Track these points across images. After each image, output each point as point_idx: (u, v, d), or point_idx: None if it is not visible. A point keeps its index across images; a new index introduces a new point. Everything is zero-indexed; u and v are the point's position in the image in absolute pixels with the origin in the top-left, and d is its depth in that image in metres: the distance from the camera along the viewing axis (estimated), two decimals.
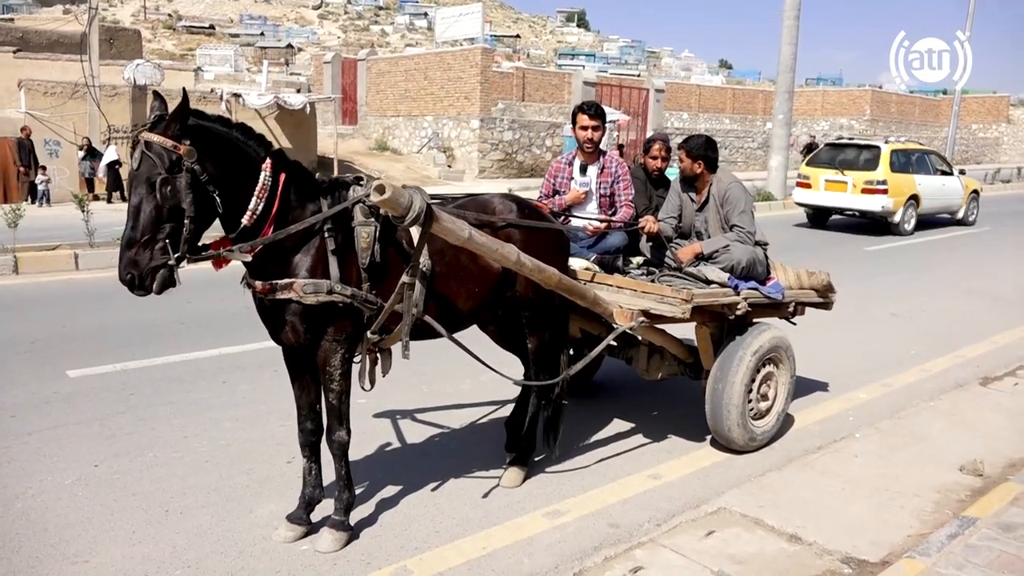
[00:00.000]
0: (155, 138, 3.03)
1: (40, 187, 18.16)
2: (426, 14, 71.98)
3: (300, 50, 60.09)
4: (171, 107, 3.12)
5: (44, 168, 18.46)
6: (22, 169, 18.37)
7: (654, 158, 5.64)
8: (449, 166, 25.91)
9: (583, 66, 47.85)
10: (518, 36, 79.45)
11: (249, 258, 3.35)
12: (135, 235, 3.04)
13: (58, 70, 20.52)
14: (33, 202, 17.87)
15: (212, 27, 64.97)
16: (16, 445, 4.70)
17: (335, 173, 21.61)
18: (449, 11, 32.54)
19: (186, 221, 3.08)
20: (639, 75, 49.20)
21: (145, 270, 3.06)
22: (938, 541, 3.66)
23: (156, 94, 3.21)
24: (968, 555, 3.52)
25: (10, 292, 9.06)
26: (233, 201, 3.24)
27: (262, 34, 65.60)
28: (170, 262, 3.08)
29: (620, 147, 20.61)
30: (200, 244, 3.28)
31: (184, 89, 3.28)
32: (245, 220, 3.27)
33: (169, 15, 66.87)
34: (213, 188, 3.14)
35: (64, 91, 19.49)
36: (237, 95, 21.89)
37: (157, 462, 4.54)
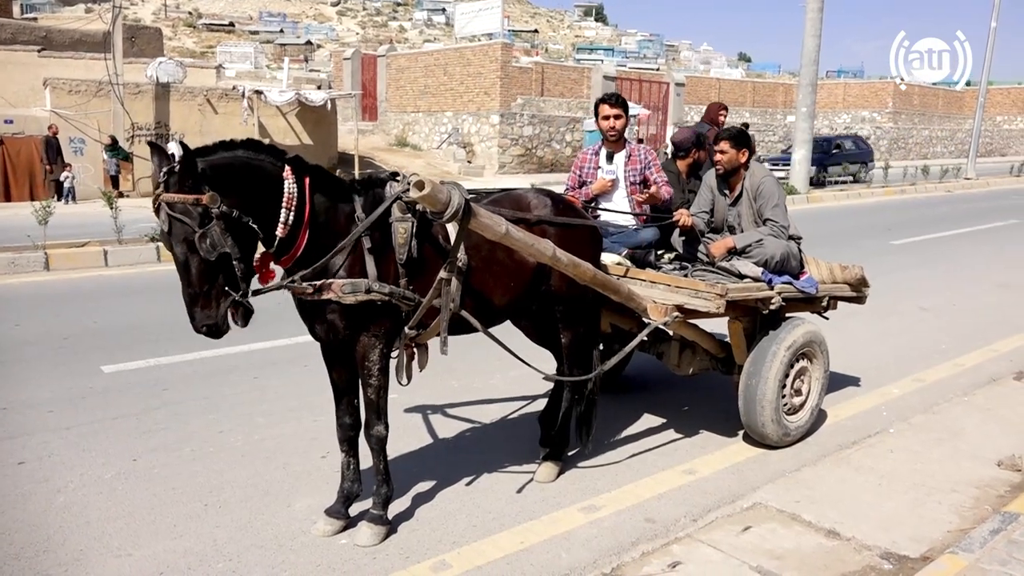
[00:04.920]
0: (175, 197, 2.98)
1: (66, 184, 18.40)
2: (444, 10, 72.11)
3: (319, 47, 60.33)
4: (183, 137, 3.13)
5: (69, 166, 18.68)
6: (48, 167, 18.60)
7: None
8: (469, 162, 25.93)
9: (602, 60, 47.74)
10: (536, 31, 79.40)
11: (311, 292, 3.40)
12: (194, 291, 3.07)
13: (82, 68, 20.72)
14: (59, 199, 18.12)
15: (232, 24, 65.36)
16: (55, 440, 4.76)
17: (356, 169, 21.70)
18: (468, 6, 32.51)
19: (235, 261, 3.09)
20: (658, 69, 48.97)
21: (220, 318, 3.11)
22: (980, 537, 3.62)
23: (153, 146, 3.10)
24: (1012, 551, 3.49)
25: (42, 289, 9.19)
26: (266, 219, 3.24)
27: (281, 31, 66.00)
28: (236, 297, 3.12)
29: (640, 141, 20.49)
30: None
31: (183, 143, 3.20)
32: (279, 232, 3.27)
33: (189, 13, 67.27)
34: (247, 218, 3.13)
35: (88, 89, 19.70)
36: (259, 92, 22.04)
37: (194, 456, 4.59)
